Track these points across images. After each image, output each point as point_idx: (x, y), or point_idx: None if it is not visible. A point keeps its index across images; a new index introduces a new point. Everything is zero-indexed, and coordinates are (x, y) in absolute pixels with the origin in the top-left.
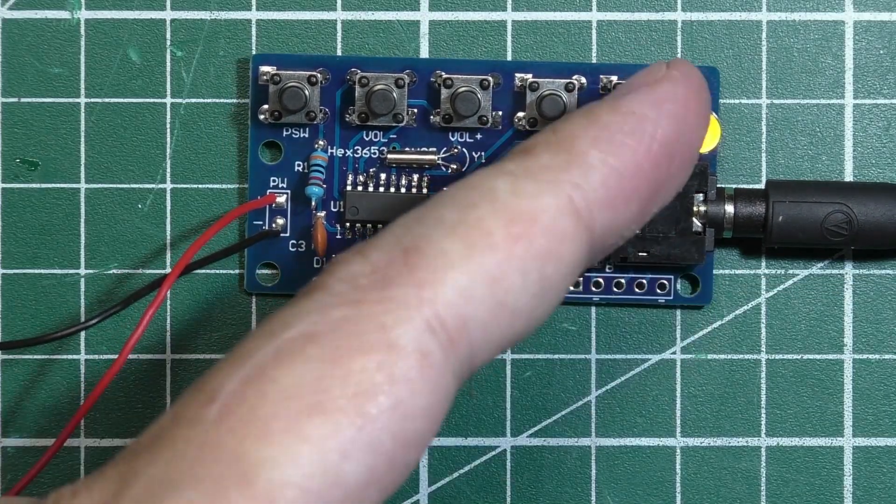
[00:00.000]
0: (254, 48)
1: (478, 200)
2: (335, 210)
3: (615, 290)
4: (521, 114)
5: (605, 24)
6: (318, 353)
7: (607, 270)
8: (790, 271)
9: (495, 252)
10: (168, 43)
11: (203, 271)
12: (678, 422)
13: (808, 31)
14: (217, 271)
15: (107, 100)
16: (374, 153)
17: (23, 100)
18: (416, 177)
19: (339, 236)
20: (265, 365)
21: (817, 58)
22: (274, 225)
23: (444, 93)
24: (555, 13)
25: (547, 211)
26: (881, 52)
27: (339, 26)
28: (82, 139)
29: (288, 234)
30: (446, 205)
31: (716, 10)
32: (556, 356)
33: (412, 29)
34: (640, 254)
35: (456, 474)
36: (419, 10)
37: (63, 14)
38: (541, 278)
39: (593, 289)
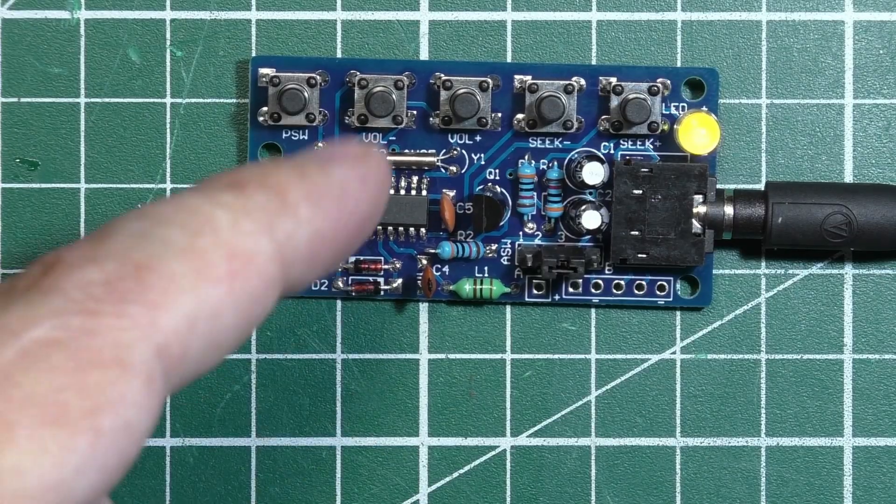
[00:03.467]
0: (253, 48)
1: (201, 228)
2: None
3: (615, 291)
4: (520, 115)
5: (605, 24)
6: (60, 361)
7: (607, 272)
8: (790, 271)
9: (218, 285)
10: (168, 43)
11: None
12: (678, 422)
13: (808, 31)
14: None
15: (107, 100)
16: None
17: (23, 100)
18: (415, 178)
19: None
20: (11, 368)
21: (817, 58)
22: None
23: (444, 94)
24: (555, 13)
25: (262, 254)
26: (881, 52)
27: (338, 26)
28: (82, 139)
29: None
30: (171, 225)
31: (716, 10)
32: (556, 356)
33: (412, 29)
34: (640, 255)
35: (456, 474)
36: (419, 10)
37: (63, 14)
38: (248, 321)
39: (593, 290)
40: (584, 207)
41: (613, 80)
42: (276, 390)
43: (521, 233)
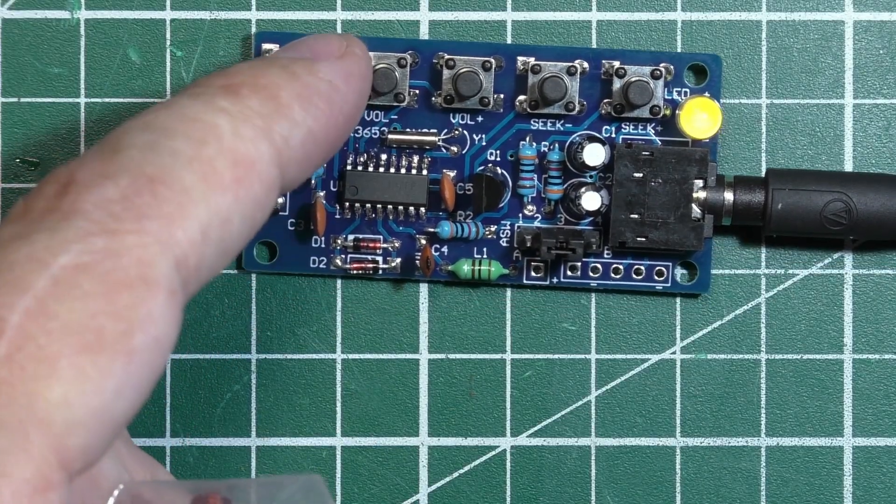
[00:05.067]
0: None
1: (205, 137)
2: (334, 189)
3: (613, 275)
4: (522, 97)
5: (605, 23)
6: (90, 286)
7: (606, 256)
8: (790, 271)
9: (226, 193)
10: (168, 43)
11: None
12: (678, 422)
13: (808, 31)
14: None
15: (107, 100)
16: (375, 133)
17: (23, 100)
18: (416, 157)
19: (338, 216)
20: (45, 297)
21: (817, 58)
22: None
23: (446, 74)
24: (555, 13)
25: (262, 158)
26: (881, 52)
27: (339, 26)
28: (82, 139)
29: (287, 213)
30: (177, 135)
31: (716, 10)
32: (556, 356)
33: (412, 29)
34: (639, 239)
35: (456, 474)
36: (419, 10)
37: (63, 14)
38: (252, 225)
39: (591, 274)
40: (584, 189)
41: (616, 63)
42: (276, 390)
43: (520, 214)
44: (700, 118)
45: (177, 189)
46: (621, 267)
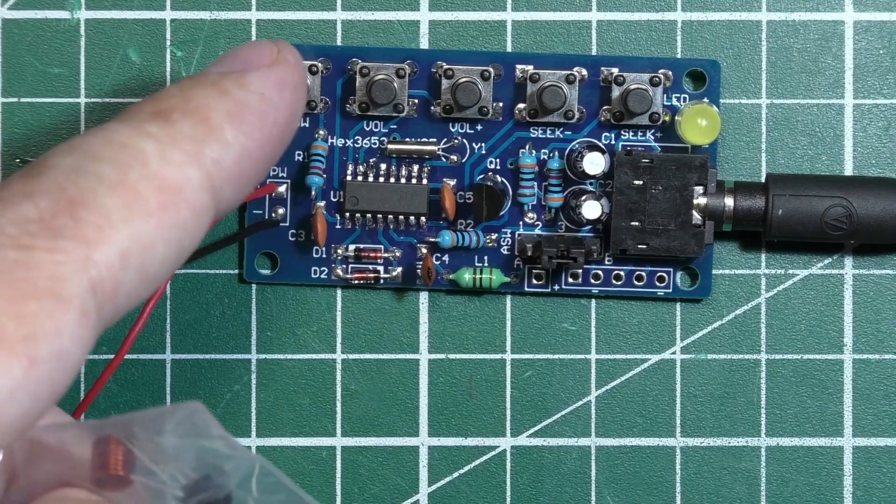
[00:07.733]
0: None
1: (131, 161)
2: (335, 200)
3: (614, 282)
4: (521, 105)
5: (605, 23)
6: None
7: (607, 263)
8: (790, 271)
9: (149, 218)
10: (168, 43)
11: (202, 271)
12: (678, 422)
13: (808, 31)
14: (216, 271)
15: (107, 100)
16: (375, 143)
17: (23, 100)
18: (416, 167)
19: (338, 226)
20: None
21: (817, 58)
22: (273, 214)
23: (445, 83)
24: (555, 13)
25: (190, 183)
26: (881, 52)
27: (339, 26)
28: None
29: (287, 224)
30: (102, 160)
31: (716, 10)
32: (556, 356)
33: (412, 29)
34: (640, 246)
35: (456, 474)
36: (419, 10)
37: (63, 14)
38: (179, 252)
39: (592, 281)
40: (584, 197)
41: (615, 70)
42: (276, 390)
43: (521, 222)
44: (699, 125)
45: (97, 213)
46: (622, 273)
